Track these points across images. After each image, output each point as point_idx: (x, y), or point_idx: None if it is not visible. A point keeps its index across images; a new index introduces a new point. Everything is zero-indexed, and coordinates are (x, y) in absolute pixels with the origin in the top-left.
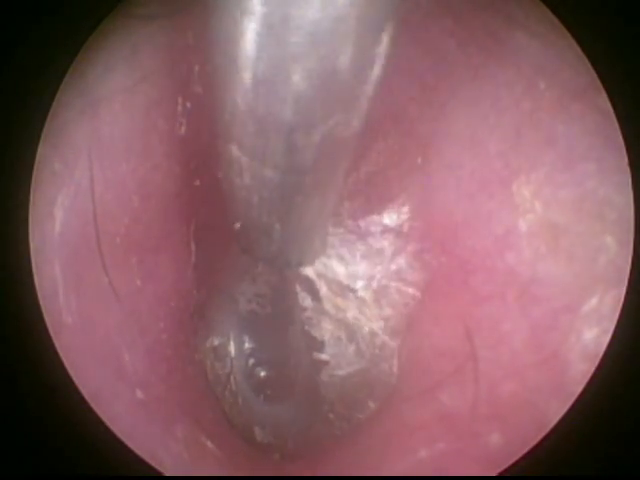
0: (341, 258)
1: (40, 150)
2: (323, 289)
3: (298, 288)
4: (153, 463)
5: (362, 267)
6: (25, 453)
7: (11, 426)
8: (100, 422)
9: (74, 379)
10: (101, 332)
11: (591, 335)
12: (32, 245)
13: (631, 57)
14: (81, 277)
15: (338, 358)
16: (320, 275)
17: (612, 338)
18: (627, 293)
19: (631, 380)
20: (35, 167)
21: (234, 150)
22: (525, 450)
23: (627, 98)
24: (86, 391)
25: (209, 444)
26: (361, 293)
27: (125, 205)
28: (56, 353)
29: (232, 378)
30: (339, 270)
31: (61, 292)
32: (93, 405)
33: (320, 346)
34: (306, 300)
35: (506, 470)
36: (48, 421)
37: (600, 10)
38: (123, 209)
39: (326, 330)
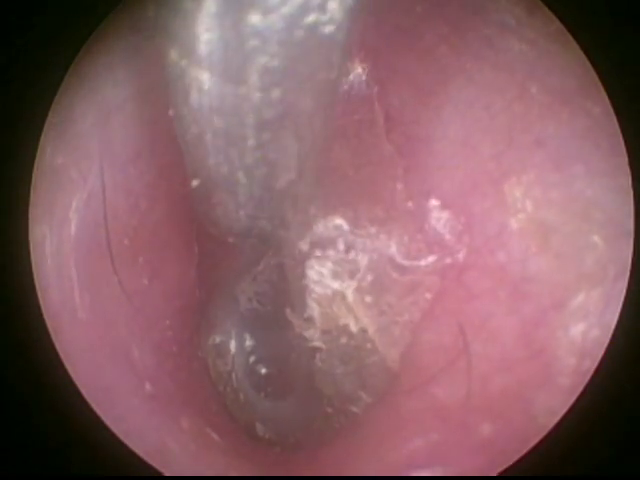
0: (330, 255)
1: (39, 153)
2: (314, 289)
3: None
4: (164, 453)
5: (352, 264)
6: (25, 453)
7: (11, 427)
8: (100, 422)
9: (89, 375)
10: (112, 328)
11: (577, 330)
12: (50, 247)
13: (631, 56)
14: (94, 276)
15: (331, 348)
16: (310, 273)
17: (613, 335)
18: (628, 289)
19: (631, 380)
20: (34, 168)
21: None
22: (514, 439)
23: (627, 97)
24: (101, 386)
25: (214, 435)
26: (351, 292)
27: (133, 208)
28: (54, 350)
29: (233, 375)
30: (329, 267)
31: (76, 290)
32: (108, 400)
33: (312, 337)
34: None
35: (506, 470)
36: (48, 421)
37: (600, 10)
38: (131, 212)
39: (317, 327)
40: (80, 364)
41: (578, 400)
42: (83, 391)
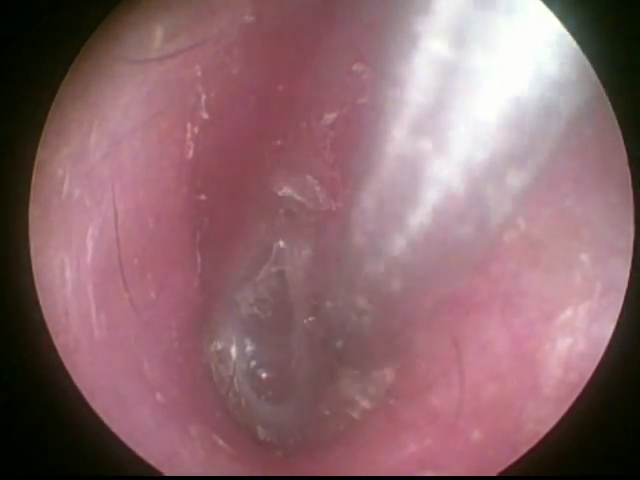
0: None
1: (39, 154)
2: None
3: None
4: (175, 461)
5: None
6: (25, 453)
7: (11, 427)
8: (100, 422)
9: (104, 391)
10: (125, 344)
11: (565, 344)
12: (70, 274)
13: (630, 57)
14: (108, 296)
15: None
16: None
17: (610, 342)
18: (626, 299)
19: (626, 384)
20: (34, 170)
21: None
22: (504, 446)
23: (627, 99)
24: (115, 400)
25: (220, 442)
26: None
27: (142, 228)
28: (56, 354)
29: (235, 380)
30: None
31: (93, 312)
32: (121, 412)
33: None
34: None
35: (506, 470)
36: (49, 421)
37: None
38: (141, 232)
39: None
40: (96, 382)
41: (576, 402)
42: (97, 409)
